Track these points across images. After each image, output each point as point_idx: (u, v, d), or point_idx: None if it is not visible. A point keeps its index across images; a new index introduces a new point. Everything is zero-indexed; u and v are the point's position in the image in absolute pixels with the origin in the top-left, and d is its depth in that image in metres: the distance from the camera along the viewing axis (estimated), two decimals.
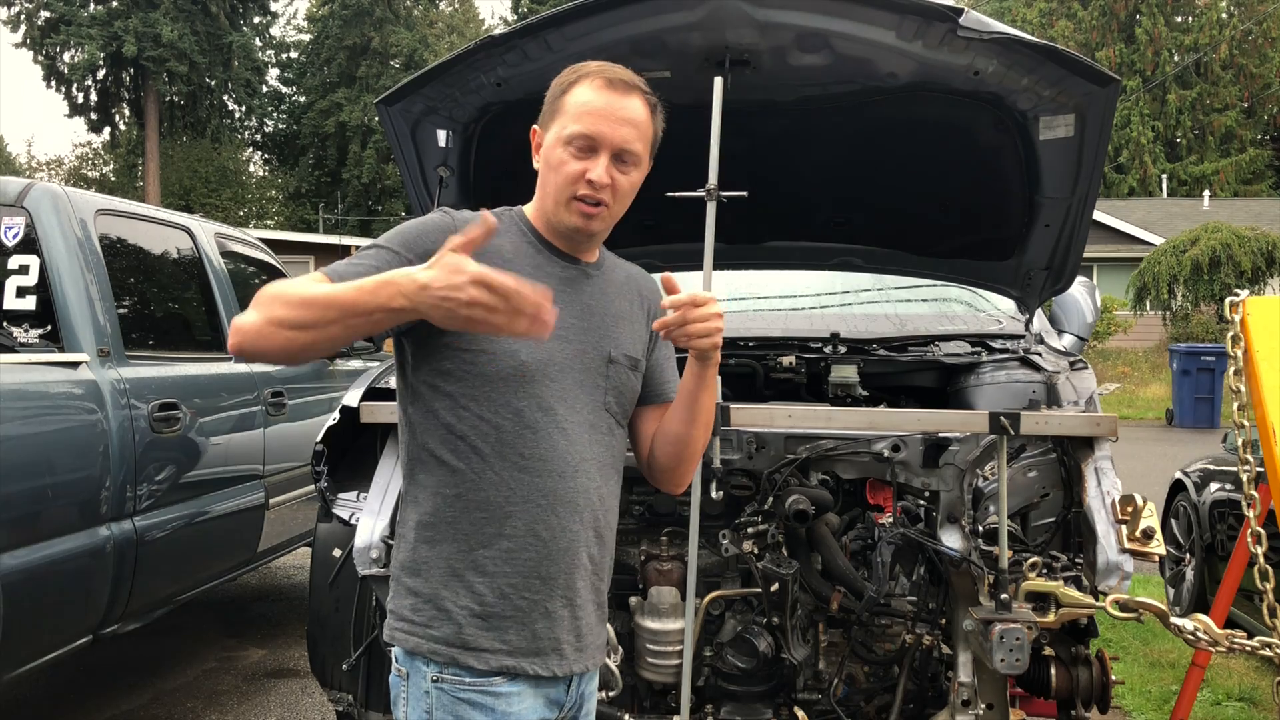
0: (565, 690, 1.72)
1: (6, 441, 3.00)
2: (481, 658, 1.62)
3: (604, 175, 1.67)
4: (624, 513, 2.84)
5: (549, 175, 1.71)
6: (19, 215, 3.58)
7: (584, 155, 1.68)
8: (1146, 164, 32.91)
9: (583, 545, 1.70)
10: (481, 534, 1.64)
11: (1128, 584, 2.40)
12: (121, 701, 4.29)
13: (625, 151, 1.69)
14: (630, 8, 2.55)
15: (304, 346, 1.49)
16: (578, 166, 1.67)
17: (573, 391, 1.69)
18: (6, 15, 34.10)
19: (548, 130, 1.72)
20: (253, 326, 1.47)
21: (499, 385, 1.64)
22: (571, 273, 1.76)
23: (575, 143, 1.67)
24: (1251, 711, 4.21)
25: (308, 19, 41.20)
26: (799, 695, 2.78)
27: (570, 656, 1.70)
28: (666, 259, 3.63)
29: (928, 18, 2.51)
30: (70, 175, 38.44)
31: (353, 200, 38.32)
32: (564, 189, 1.69)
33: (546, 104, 1.75)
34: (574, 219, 1.70)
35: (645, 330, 1.86)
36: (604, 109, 1.67)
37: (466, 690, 1.62)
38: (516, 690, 1.64)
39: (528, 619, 1.65)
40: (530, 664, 1.65)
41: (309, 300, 1.45)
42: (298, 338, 1.47)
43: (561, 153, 1.68)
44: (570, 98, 1.70)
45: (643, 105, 1.72)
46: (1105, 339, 19.69)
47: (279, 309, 1.46)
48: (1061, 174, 2.92)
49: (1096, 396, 2.88)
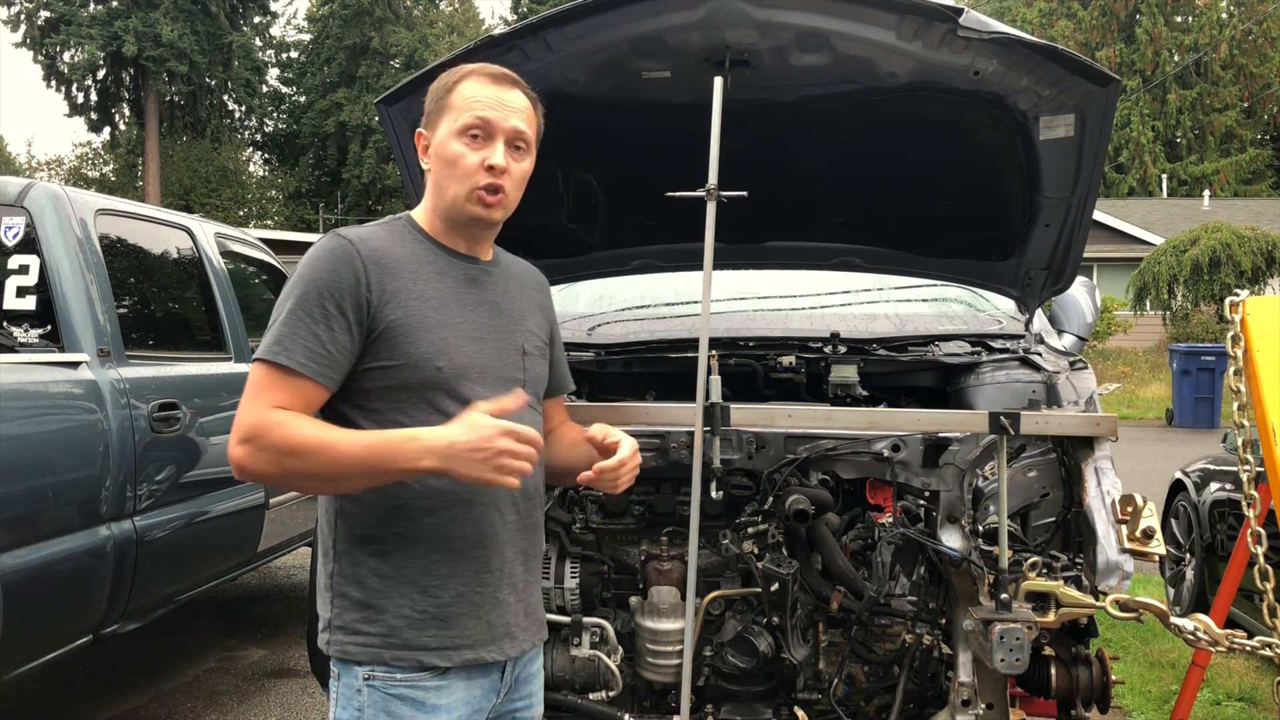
0: (500, 676, 1.80)
1: (6, 441, 3.00)
2: (430, 655, 1.69)
3: (503, 160, 1.74)
4: (624, 513, 2.85)
5: (445, 171, 1.76)
6: (19, 215, 3.58)
7: (480, 144, 1.74)
8: (1146, 164, 32.92)
9: (521, 533, 1.80)
10: (430, 539, 1.70)
11: (1128, 584, 2.40)
12: (121, 701, 4.30)
13: (518, 137, 1.77)
14: (630, 8, 2.55)
15: (318, 491, 1.74)
16: (476, 156, 1.73)
17: (495, 389, 1.74)
18: (6, 15, 34.12)
19: (435, 129, 1.78)
20: (265, 475, 1.61)
21: (423, 393, 1.70)
22: (473, 272, 1.82)
23: (470, 132, 1.73)
24: (1251, 711, 4.21)
25: (308, 19, 41.18)
26: (799, 695, 2.78)
27: (520, 637, 1.80)
28: (666, 259, 3.64)
29: (928, 18, 2.51)
30: (70, 175, 38.40)
31: (353, 200, 38.31)
32: (465, 180, 1.74)
33: (430, 105, 1.81)
34: (476, 208, 1.75)
35: (545, 320, 1.96)
36: (493, 99, 1.75)
37: (398, 686, 1.68)
38: (446, 684, 1.71)
39: (481, 611, 1.73)
40: (487, 652, 1.73)
41: (334, 461, 1.58)
42: (312, 487, 1.71)
43: (457, 145, 1.74)
44: (456, 95, 1.76)
45: (525, 97, 1.81)
46: (1105, 339, 19.69)
47: (300, 462, 1.59)
48: (1061, 174, 2.92)
49: (1096, 396, 2.88)
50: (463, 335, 1.74)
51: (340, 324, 1.66)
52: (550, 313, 2.01)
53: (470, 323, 1.76)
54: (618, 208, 3.39)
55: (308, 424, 1.61)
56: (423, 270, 1.74)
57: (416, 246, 1.78)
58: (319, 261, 1.70)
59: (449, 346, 1.70)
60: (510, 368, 1.81)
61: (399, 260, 1.72)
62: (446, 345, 1.70)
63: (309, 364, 1.63)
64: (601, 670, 2.74)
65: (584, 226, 3.46)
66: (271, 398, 1.62)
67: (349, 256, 1.69)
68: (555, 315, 2.05)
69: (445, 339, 1.71)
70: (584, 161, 3.19)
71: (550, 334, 1.99)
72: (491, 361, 1.77)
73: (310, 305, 1.66)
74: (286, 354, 1.63)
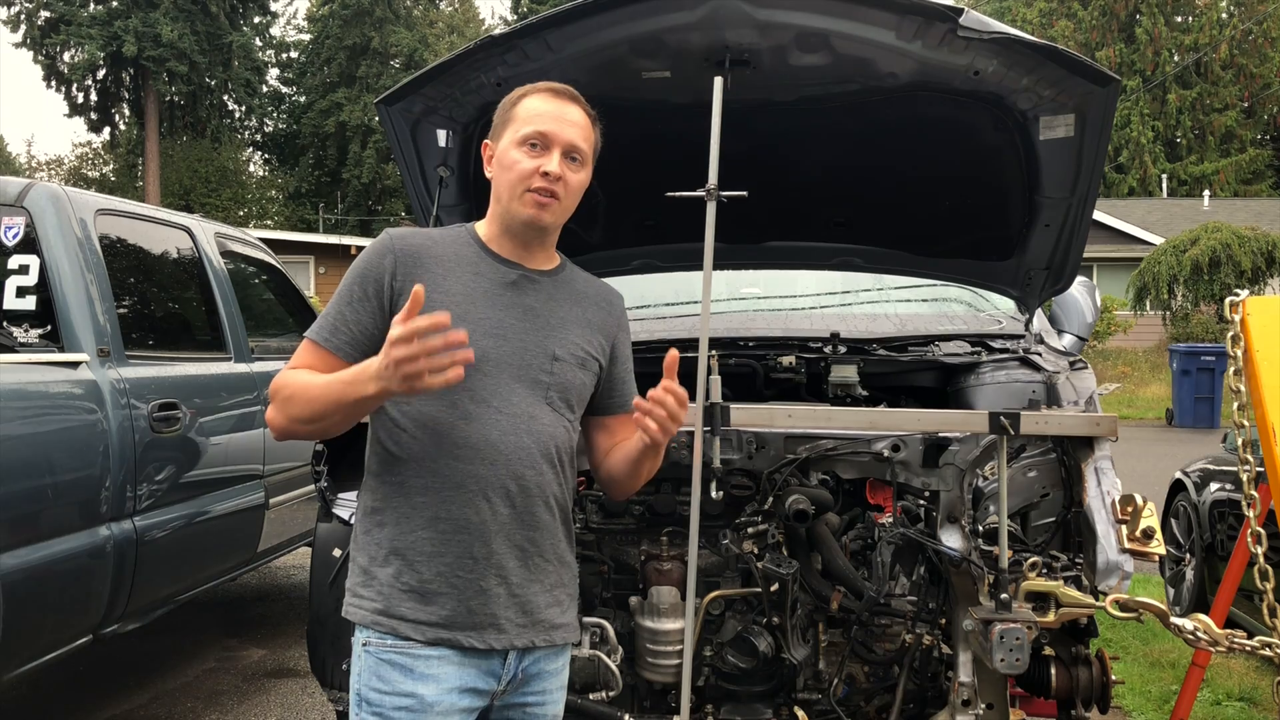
0: (502, 663, 1.84)
1: (6, 441, 3.00)
2: (406, 626, 1.78)
3: (558, 168, 1.84)
4: (624, 513, 2.85)
5: (504, 177, 1.88)
6: (19, 215, 3.58)
7: (537, 153, 1.85)
8: (1146, 164, 32.91)
9: (517, 528, 1.83)
10: (420, 516, 1.80)
11: (1128, 584, 2.40)
12: (121, 701, 4.30)
13: (574, 149, 1.88)
14: (630, 8, 2.55)
15: (323, 433, 1.84)
16: (532, 163, 1.84)
17: (509, 385, 1.84)
18: (6, 15, 34.14)
19: (500, 140, 1.91)
20: (282, 426, 1.79)
21: None
22: (513, 276, 1.91)
23: (529, 142, 1.86)
24: (1251, 711, 4.21)
25: (308, 19, 41.21)
26: (799, 695, 2.78)
27: (511, 631, 1.83)
28: (666, 259, 3.65)
29: (928, 18, 2.51)
30: (70, 175, 38.42)
31: (353, 200, 38.33)
32: (519, 183, 1.85)
33: (497, 119, 1.94)
34: (528, 209, 1.86)
35: (599, 338, 2.00)
36: (553, 113, 1.88)
37: (389, 652, 1.79)
38: (439, 655, 1.78)
39: (462, 595, 1.79)
40: (465, 636, 1.79)
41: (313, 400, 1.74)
42: (315, 430, 1.80)
43: (516, 153, 1.86)
44: (520, 108, 1.90)
45: (584, 114, 1.93)
46: (1105, 339, 19.69)
47: (295, 408, 1.76)
48: (1061, 174, 2.92)
49: (1096, 396, 2.88)
50: (481, 330, 1.81)
51: (365, 306, 1.83)
52: (613, 333, 2.03)
53: (495, 320, 1.85)
54: (618, 208, 3.39)
55: (301, 375, 1.78)
56: (459, 268, 1.86)
57: (464, 249, 1.90)
58: (364, 254, 1.89)
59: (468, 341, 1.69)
60: (534, 368, 1.87)
61: (437, 258, 1.86)
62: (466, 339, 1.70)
63: (331, 338, 1.82)
64: (601, 670, 2.73)
65: (584, 226, 3.45)
66: (297, 362, 1.83)
67: (386, 249, 1.86)
68: (626, 338, 2.07)
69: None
70: None
71: (608, 352, 2.01)
72: (512, 358, 1.85)
73: (347, 288, 1.86)
74: (316, 330, 1.84)
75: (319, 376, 1.76)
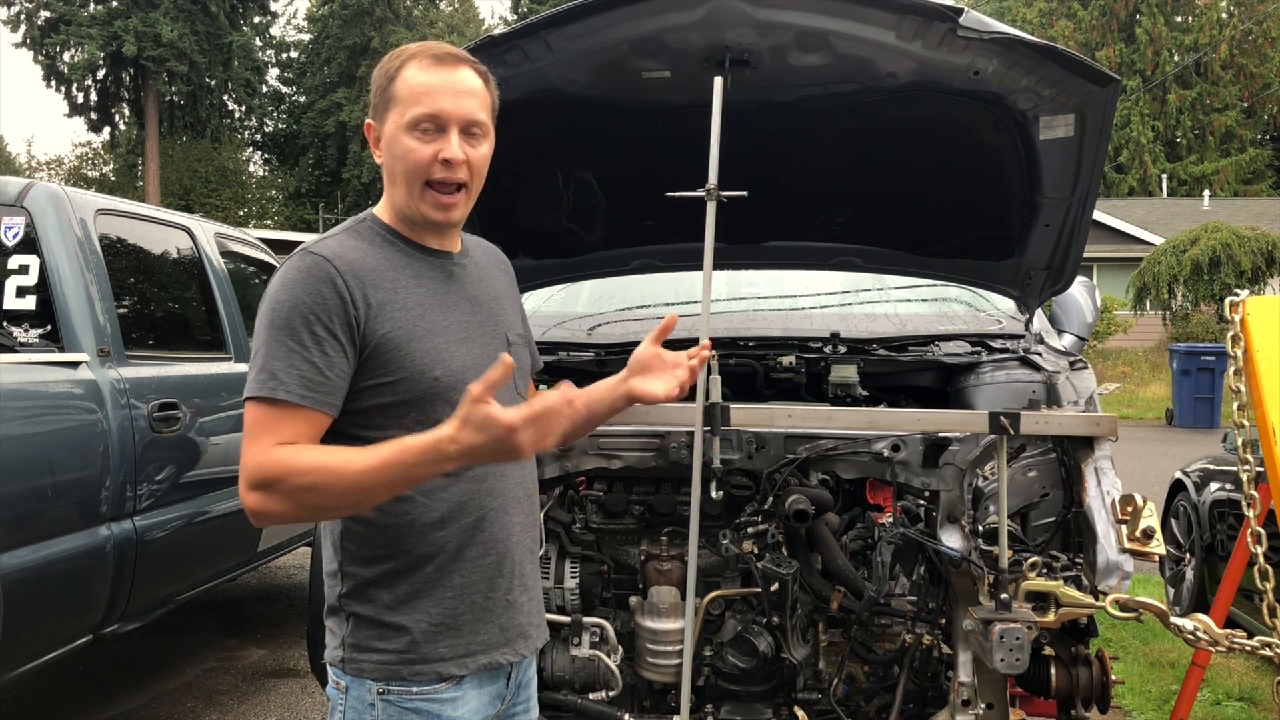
0: (506, 683, 1.77)
1: (6, 441, 3.00)
2: (447, 665, 1.65)
3: (458, 151, 1.62)
4: (624, 513, 2.85)
5: (397, 166, 1.64)
6: (19, 215, 3.58)
7: (431, 137, 1.62)
8: (1146, 164, 32.92)
9: (525, 531, 1.76)
10: (442, 553, 1.64)
11: (1128, 584, 2.40)
12: (121, 701, 4.29)
13: (472, 123, 1.64)
14: (630, 8, 2.55)
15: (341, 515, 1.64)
16: (429, 149, 1.61)
17: None
18: (6, 15, 34.10)
19: (384, 121, 1.65)
20: (286, 516, 1.54)
21: (423, 405, 1.62)
22: (449, 268, 1.72)
23: (420, 125, 1.61)
24: (1251, 711, 4.21)
25: (308, 19, 41.19)
26: (799, 695, 2.78)
27: (533, 635, 1.78)
28: (666, 259, 3.64)
29: (928, 18, 2.51)
30: (70, 175, 38.37)
31: (353, 200, 38.29)
32: (416, 176, 1.63)
33: (375, 94, 1.67)
34: (432, 211, 1.65)
35: (517, 304, 1.90)
36: (441, 85, 1.62)
37: (414, 700, 1.63)
38: (460, 694, 1.67)
39: (493, 615, 1.69)
40: (501, 654, 1.70)
41: (351, 489, 1.48)
42: (337, 515, 1.62)
43: (408, 141, 1.62)
44: (401, 82, 1.63)
45: (475, 75, 1.67)
46: (1105, 339, 19.69)
47: (319, 497, 1.50)
48: (1061, 174, 2.92)
49: (1096, 396, 2.88)
50: (451, 339, 1.67)
51: (334, 346, 1.55)
52: (517, 292, 1.93)
53: (456, 324, 1.69)
54: (618, 208, 3.39)
55: (316, 454, 1.51)
56: (401, 276, 1.65)
57: (390, 251, 1.67)
58: (295, 284, 1.57)
59: (442, 354, 1.64)
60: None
61: (376, 270, 1.63)
62: (439, 353, 1.64)
63: (309, 394, 1.53)
64: (601, 670, 2.74)
65: (584, 226, 3.46)
66: (274, 436, 1.51)
67: (327, 275, 1.57)
68: (519, 294, 1.98)
69: (437, 346, 1.65)
70: (584, 161, 3.19)
71: (523, 317, 1.94)
72: (481, 362, 1.66)
73: (297, 331, 1.54)
74: (284, 388, 1.52)
75: (338, 453, 1.50)
